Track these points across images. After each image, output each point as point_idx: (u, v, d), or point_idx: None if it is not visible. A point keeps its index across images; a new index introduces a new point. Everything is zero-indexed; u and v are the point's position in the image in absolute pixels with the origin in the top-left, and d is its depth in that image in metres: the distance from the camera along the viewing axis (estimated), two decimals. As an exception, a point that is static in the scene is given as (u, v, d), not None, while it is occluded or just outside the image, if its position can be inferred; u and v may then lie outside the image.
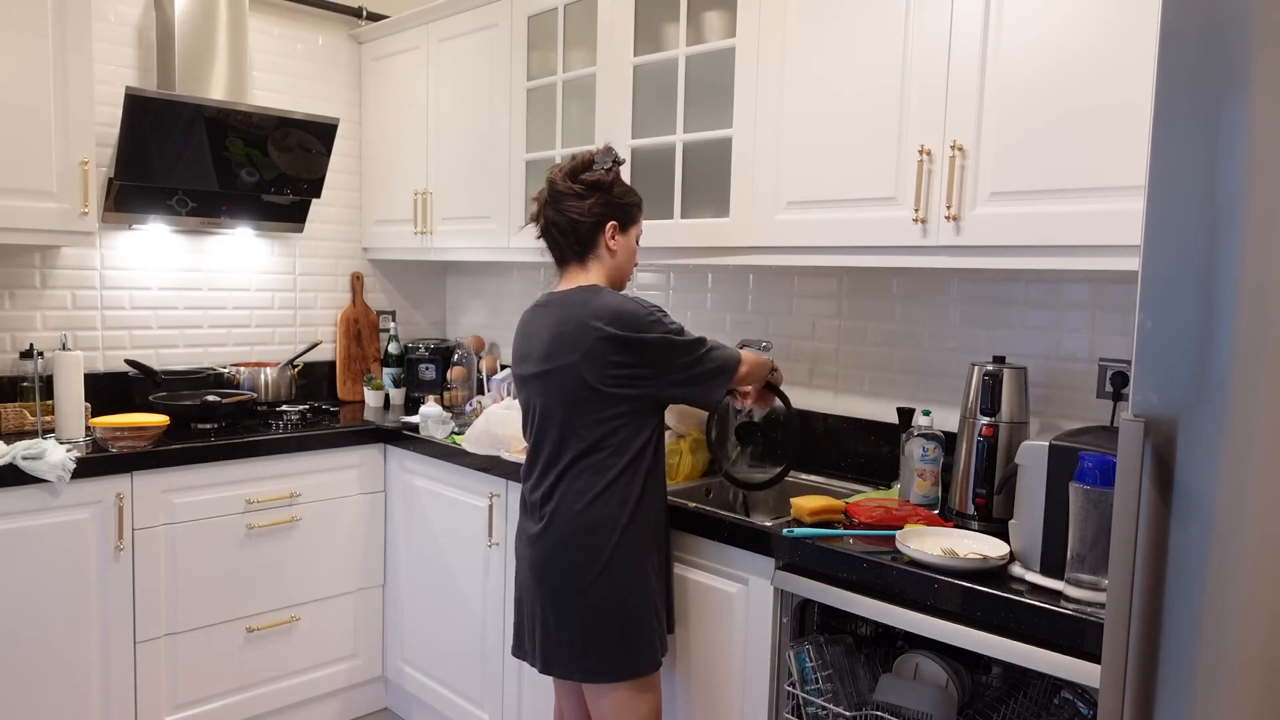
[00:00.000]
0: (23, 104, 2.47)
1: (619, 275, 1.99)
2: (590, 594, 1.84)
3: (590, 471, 1.85)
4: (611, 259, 1.96)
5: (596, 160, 1.95)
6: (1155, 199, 1.18)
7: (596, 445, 1.85)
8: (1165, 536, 1.18)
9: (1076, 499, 1.49)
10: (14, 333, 2.83)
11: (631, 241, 1.99)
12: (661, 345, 1.83)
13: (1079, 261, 1.72)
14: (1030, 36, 1.75)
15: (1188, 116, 1.15)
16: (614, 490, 1.85)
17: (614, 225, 1.94)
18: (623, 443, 1.86)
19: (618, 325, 1.81)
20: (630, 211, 1.98)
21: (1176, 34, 1.15)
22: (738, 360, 1.94)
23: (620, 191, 1.96)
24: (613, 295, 1.87)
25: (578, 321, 1.83)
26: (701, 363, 1.88)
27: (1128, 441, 1.17)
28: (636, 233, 2.01)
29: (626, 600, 1.85)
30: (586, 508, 1.85)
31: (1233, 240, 1.11)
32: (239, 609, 2.72)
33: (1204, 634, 1.15)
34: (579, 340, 1.82)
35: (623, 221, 1.96)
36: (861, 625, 2.00)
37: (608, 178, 1.94)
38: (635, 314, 1.83)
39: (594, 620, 1.84)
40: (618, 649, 1.85)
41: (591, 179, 1.94)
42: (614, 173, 1.95)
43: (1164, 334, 1.17)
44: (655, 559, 1.91)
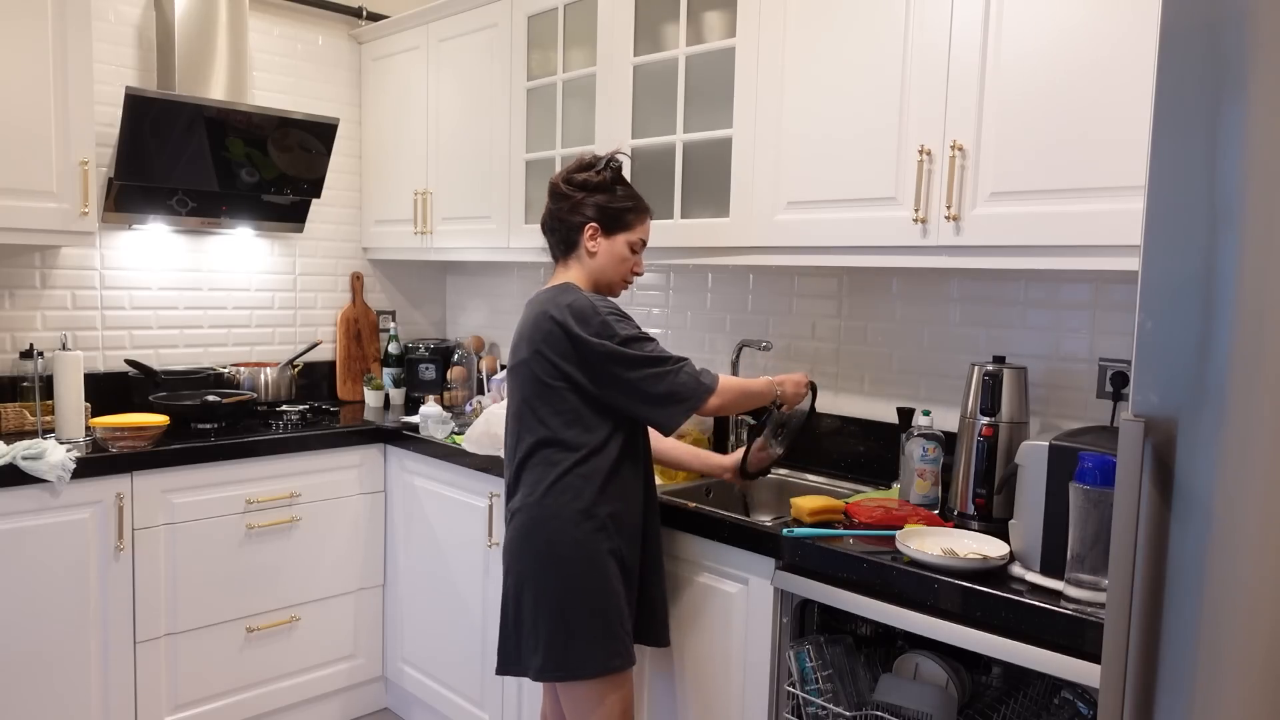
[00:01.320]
0: (23, 104, 2.47)
1: (600, 278, 1.97)
2: (540, 588, 1.85)
3: (543, 465, 1.87)
4: (591, 261, 1.95)
5: (596, 162, 1.96)
6: (1155, 199, 1.18)
7: (547, 440, 1.86)
8: (1165, 536, 1.18)
9: (1076, 499, 1.49)
10: (14, 333, 2.83)
11: (618, 247, 1.96)
12: (600, 351, 1.80)
13: (1079, 261, 1.72)
14: (1030, 36, 1.75)
15: (1188, 116, 1.15)
16: (564, 485, 1.84)
17: (594, 228, 1.93)
18: (573, 439, 1.85)
19: (563, 322, 1.82)
20: (618, 216, 1.95)
21: (1176, 34, 1.15)
22: (707, 390, 1.85)
23: (613, 196, 1.95)
24: (577, 294, 1.86)
25: (536, 316, 1.86)
26: (651, 382, 1.81)
27: (1128, 441, 1.17)
28: (627, 239, 1.96)
29: (578, 599, 1.83)
30: (539, 501, 1.86)
31: (1232, 240, 1.11)
32: (239, 609, 2.72)
33: (1204, 634, 1.15)
34: (534, 335, 1.85)
35: (605, 225, 1.94)
36: (861, 625, 2.00)
37: (596, 179, 1.94)
38: (583, 312, 1.82)
39: (545, 616, 1.84)
40: (566, 648, 1.83)
41: (580, 179, 1.95)
42: (605, 175, 1.95)
43: (1164, 334, 1.17)
44: (621, 563, 1.88)
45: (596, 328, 1.81)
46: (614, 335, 1.81)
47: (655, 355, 1.82)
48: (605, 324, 1.81)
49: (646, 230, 2.01)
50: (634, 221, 1.97)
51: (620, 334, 1.81)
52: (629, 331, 1.83)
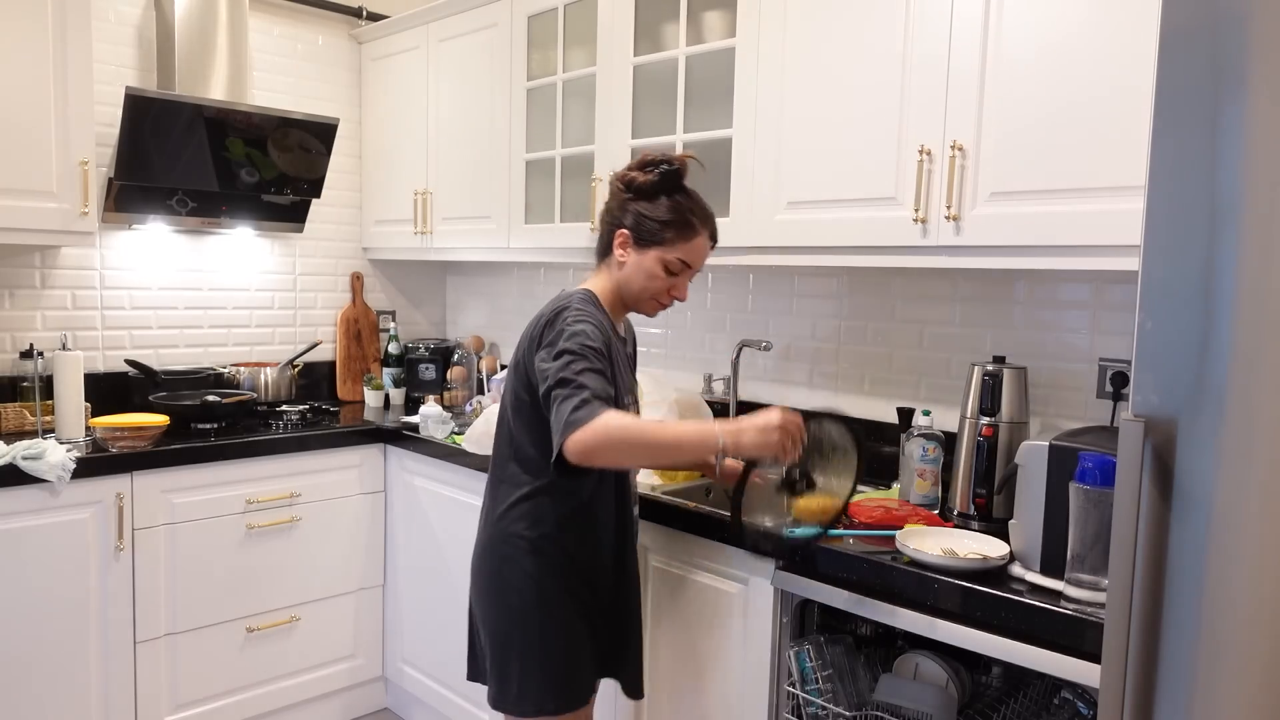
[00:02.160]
0: (23, 104, 2.47)
1: (624, 292, 1.79)
2: (486, 616, 1.77)
3: (507, 483, 1.77)
4: (619, 272, 1.77)
5: (656, 162, 1.75)
6: (1155, 199, 1.18)
7: (515, 457, 1.75)
8: (1165, 536, 1.18)
9: (1076, 499, 1.49)
10: (14, 333, 2.82)
11: (647, 262, 1.73)
12: (539, 356, 1.64)
13: (1079, 261, 1.72)
14: (1030, 36, 1.75)
15: (1188, 116, 1.15)
16: (522, 511, 1.73)
17: (625, 235, 1.75)
18: (532, 461, 1.72)
19: (538, 330, 1.68)
20: (655, 230, 1.72)
21: (1176, 34, 1.15)
22: (569, 426, 1.50)
23: (655, 204, 1.73)
24: (574, 302, 1.69)
25: (533, 321, 1.74)
26: (554, 403, 1.56)
27: (1128, 441, 1.17)
28: (661, 256, 1.73)
29: (522, 634, 1.73)
30: (495, 523, 1.77)
31: (1232, 240, 1.11)
32: (239, 609, 2.72)
33: (1204, 634, 1.15)
34: (523, 342, 1.74)
35: (639, 236, 1.73)
36: (861, 625, 2.00)
37: (642, 180, 1.73)
38: (556, 319, 1.65)
39: (491, 644, 1.77)
40: (506, 680, 1.75)
41: (629, 177, 1.76)
42: (651, 178, 1.72)
43: (1164, 334, 1.17)
44: (580, 603, 1.76)
45: (553, 336, 1.63)
46: (554, 344, 1.61)
47: (569, 372, 1.56)
48: (561, 332, 1.62)
49: (694, 253, 1.75)
50: (672, 238, 1.73)
51: (560, 345, 1.59)
52: (572, 345, 1.59)
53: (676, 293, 1.78)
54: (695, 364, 2.90)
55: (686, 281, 1.79)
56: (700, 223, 1.75)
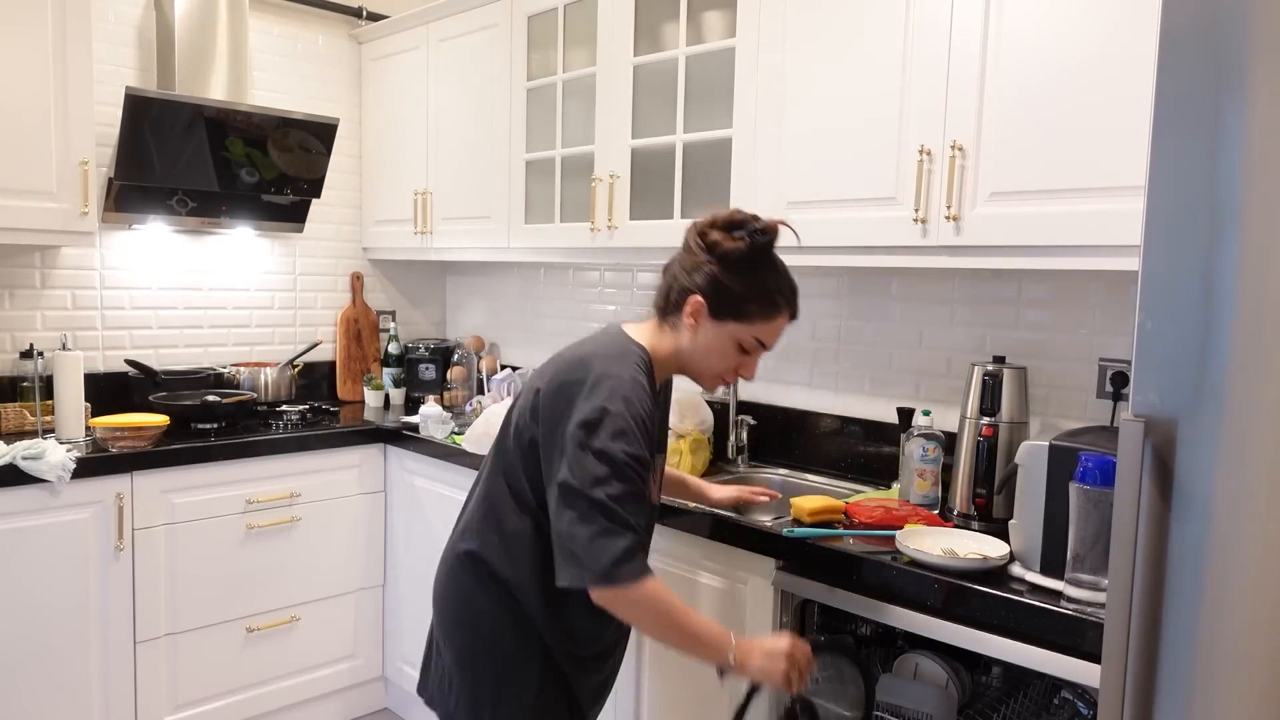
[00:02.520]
0: (23, 104, 2.47)
1: (687, 362, 1.59)
2: (451, 630, 1.62)
3: (492, 517, 1.59)
4: (686, 338, 1.56)
5: (745, 226, 1.54)
6: (1155, 199, 1.18)
7: (503, 491, 1.58)
8: (1165, 536, 1.18)
9: (1076, 499, 1.49)
10: (14, 333, 2.82)
11: (723, 337, 1.54)
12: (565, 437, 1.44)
13: (1079, 261, 1.72)
14: (1030, 36, 1.75)
15: (1188, 116, 1.15)
16: (508, 546, 1.56)
17: (699, 303, 1.53)
18: (509, 516, 1.56)
19: (574, 376, 1.49)
20: (735, 305, 1.52)
21: (1176, 34, 1.15)
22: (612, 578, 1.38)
23: (741, 275, 1.52)
24: (624, 367, 1.48)
25: (570, 364, 1.51)
26: (575, 518, 1.40)
27: (1128, 441, 1.17)
28: (739, 333, 1.54)
29: (500, 684, 1.57)
30: (476, 556, 1.59)
31: (1233, 240, 1.11)
32: (239, 609, 2.72)
33: (1204, 634, 1.15)
34: (552, 382, 1.52)
35: (716, 305, 1.52)
36: (861, 625, 2.00)
37: (729, 245, 1.52)
38: (595, 377, 1.46)
39: (460, 664, 1.61)
40: (479, 704, 1.58)
41: (714, 238, 1.53)
42: (742, 244, 1.52)
43: (1164, 334, 1.17)
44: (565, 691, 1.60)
45: (591, 414, 1.43)
46: (592, 430, 1.42)
47: (609, 496, 1.39)
48: (603, 419, 1.42)
49: (772, 332, 1.56)
50: (756, 315, 1.53)
51: (600, 444, 1.40)
52: (615, 451, 1.40)
53: (744, 371, 1.60)
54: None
55: (757, 360, 1.60)
56: (785, 301, 1.55)
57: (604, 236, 2.62)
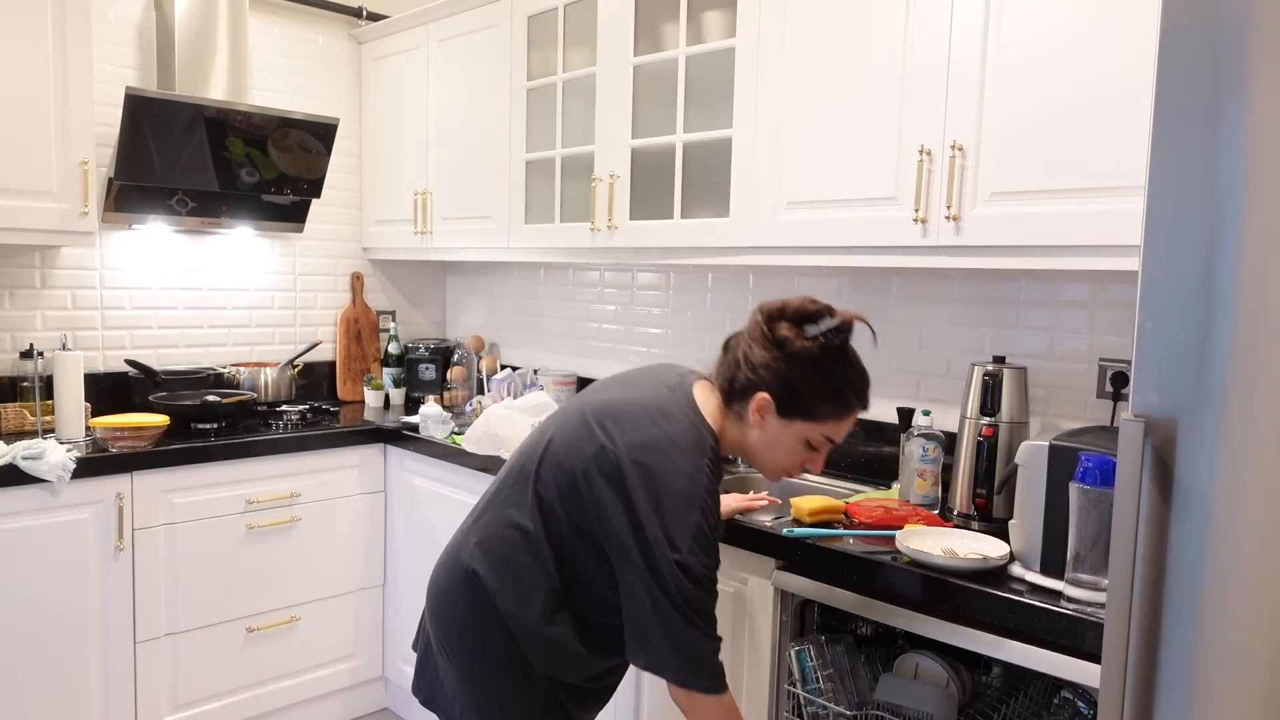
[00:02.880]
0: (23, 104, 2.47)
1: (751, 454, 1.53)
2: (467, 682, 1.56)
3: (504, 544, 1.53)
4: (749, 432, 1.50)
5: (818, 321, 1.46)
6: (1155, 199, 1.18)
7: (524, 522, 1.52)
8: (1165, 536, 1.18)
9: (1076, 499, 1.49)
10: (14, 333, 2.82)
11: (789, 436, 1.48)
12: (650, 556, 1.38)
13: (1079, 261, 1.72)
14: (1030, 36, 1.75)
15: (1188, 116, 1.15)
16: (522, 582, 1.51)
17: (766, 401, 1.46)
18: (521, 550, 1.51)
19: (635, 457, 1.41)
20: (807, 404, 1.45)
21: (1176, 34, 1.15)
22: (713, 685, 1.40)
23: (813, 376, 1.44)
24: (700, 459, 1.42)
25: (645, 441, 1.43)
26: (669, 624, 1.38)
27: (1128, 441, 1.17)
28: (807, 431, 1.47)
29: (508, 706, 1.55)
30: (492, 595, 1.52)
31: (1233, 240, 1.11)
32: (239, 609, 2.72)
33: (1204, 634, 1.15)
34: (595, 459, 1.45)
35: (785, 407, 1.46)
36: (861, 625, 2.00)
37: (800, 344, 1.44)
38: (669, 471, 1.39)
39: (467, 695, 1.57)
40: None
41: (783, 334, 1.45)
42: (813, 345, 1.44)
43: (1164, 334, 1.17)
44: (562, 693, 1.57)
45: (672, 523, 1.38)
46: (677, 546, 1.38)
47: (694, 606, 1.39)
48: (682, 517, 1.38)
49: (844, 428, 1.50)
50: (826, 415, 1.47)
51: (683, 556, 1.37)
52: (695, 565, 1.38)
53: (811, 466, 1.53)
54: (695, 364, 2.89)
55: (824, 454, 1.53)
56: (857, 398, 1.48)
57: (604, 236, 2.62)
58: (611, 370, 3.15)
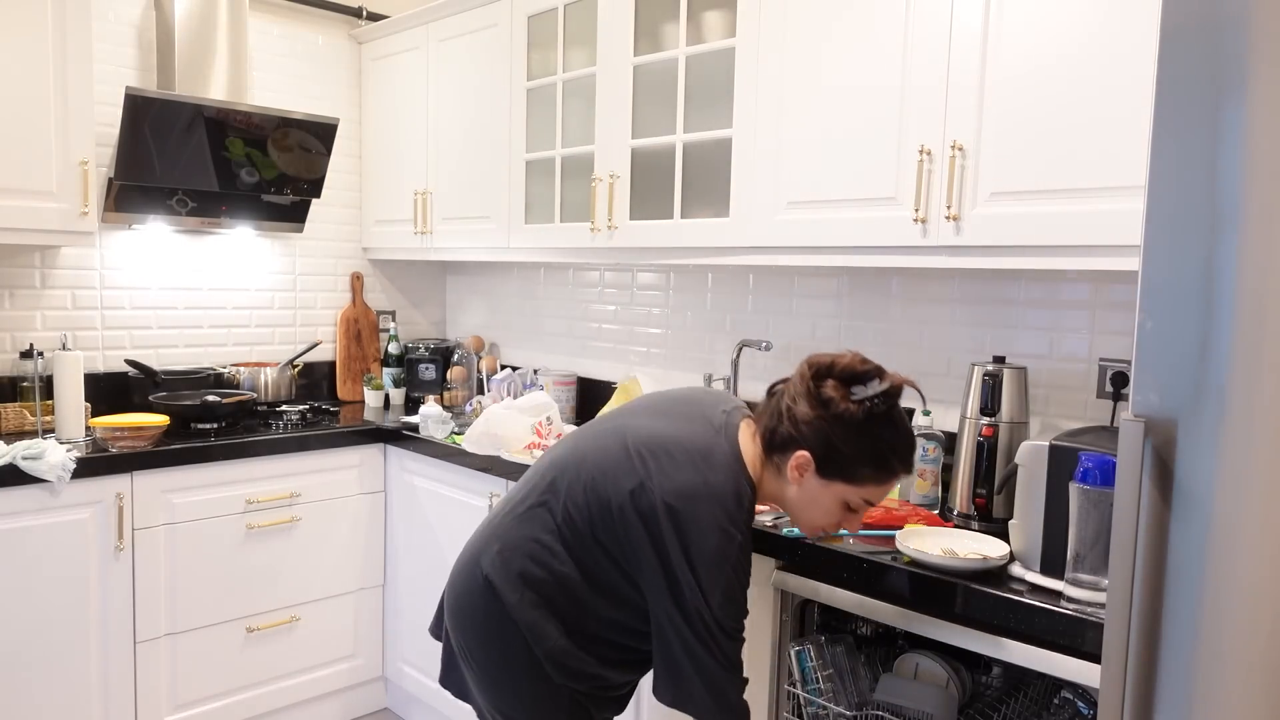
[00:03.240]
0: (23, 104, 2.47)
1: (788, 509, 1.53)
2: (483, 680, 1.59)
3: (525, 554, 1.54)
4: (788, 489, 1.50)
5: (866, 383, 1.44)
6: (1155, 199, 1.18)
7: (548, 536, 1.53)
8: (1165, 536, 1.18)
9: (1076, 499, 1.49)
10: (14, 333, 2.82)
11: (827, 496, 1.47)
12: (685, 598, 1.39)
13: (1079, 261, 1.72)
14: (1030, 36, 1.75)
15: (1188, 116, 1.15)
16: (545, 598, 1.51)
17: (806, 459, 1.45)
18: (539, 564, 1.52)
19: (673, 501, 1.41)
20: (848, 465, 1.43)
21: (1176, 34, 1.15)
22: (739, 711, 1.43)
23: (856, 437, 1.42)
24: (739, 512, 1.42)
25: (684, 487, 1.42)
26: (704, 659, 1.39)
27: (1128, 441, 1.17)
28: (845, 493, 1.46)
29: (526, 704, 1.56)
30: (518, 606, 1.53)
31: (1233, 240, 1.11)
32: (239, 609, 2.72)
33: (1204, 634, 1.15)
34: (646, 477, 1.43)
35: (825, 467, 1.44)
36: (861, 625, 2.00)
37: (844, 407, 1.42)
38: (704, 519, 1.39)
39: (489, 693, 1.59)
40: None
41: (828, 394, 1.43)
42: (858, 410, 1.41)
43: (1164, 334, 1.17)
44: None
45: (704, 552, 1.39)
46: (711, 599, 1.39)
47: (733, 653, 1.42)
48: (713, 564, 1.39)
49: (884, 492, 1.49)
50: (867, 479, 1.45)
51: (713, 604, 1.39)
52: (726, 617, 1.40)
53: (848, 525, 1.52)
54: (695, 364, 2.90)
55: (862, 515, 1.52)
56: (900, 464, 1.46)
57: (604, 236, 2.62)
58: (611, 371, 3.15)
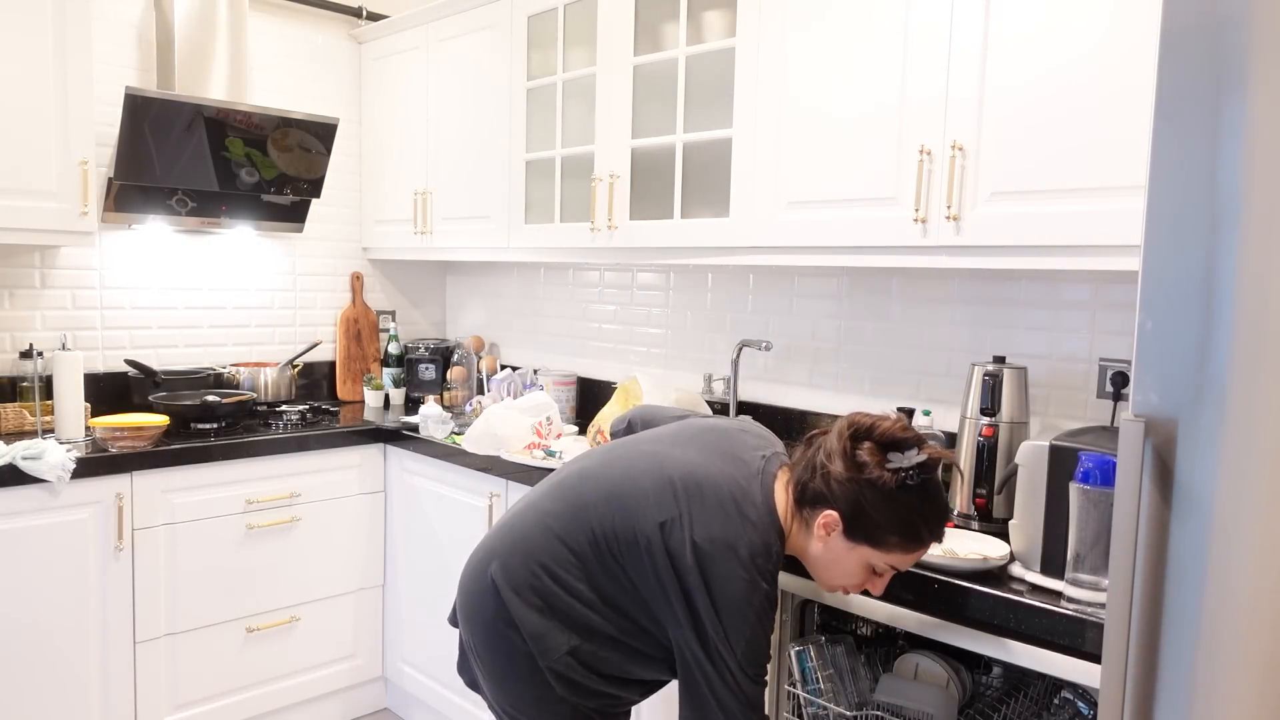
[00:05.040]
0: (23, 104, 2.47)
1: (811, 565, 1.51)
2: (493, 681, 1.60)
3: (535, 562, 1.54)
4: (813, 546, 1.48)
5: (904, 451, 1.42)
6: (1155, 199, 1.18)
7: (559, 547, 1.53)
8: (1165, 536, 1.18)
9: (1076, 499, 1.49)
10: (14, 333, 2.82)
11: (853, 560, 1.45)
12: (710, 643, 1.40)
13: (1079, 261, 1.72)
14: (1030, 36, 1.75)
15: (1188, 116, 1.15)
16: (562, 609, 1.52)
17: (835, 519, 1.43)
18: (548, 573, 1.52)
19: (704, 544, 1.42)
20: (874, 532, 1.41)
21: (1176, 34, 1.15)
22: None
23: (888, 506, 1.40)
24: (767, 564, 1.42)
25: (718, 534, 1.42)
26: (713, 690, 1.41)
27: (1128, 441, 1.17)
28: (870, 558, 1.44)
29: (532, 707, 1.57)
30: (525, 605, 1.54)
31: (1233, 240, 1.11)
32: (239, 609, 2.72)
33: (1204, 634, 1.15)
34: (679, 515, 1.44)
35: (853, 529, 1.43)
36: (861, 625, 2.00)
37: (878, 475, 1.40)
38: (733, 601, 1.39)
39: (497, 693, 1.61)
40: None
41: (864, 458, 1.41)
42: (894, 480, 1.39)
43: (1164, 334, 1.17)
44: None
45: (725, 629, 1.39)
46: (734, 651, 1.40)
47: (755, 697, 1.42)
48: (739, 616, 1.40)
49: (910, 560, 1.46)
50: (894, 546, 1.42)
51: (738, 652, 1.40)
52: (750, 669, 1.41)
53: (872, 589, 1.50)
54: (695, 364, 2.90)
55: (887, 580, 1.50)
56: (930, 534, 1.43)
57: (604, 236, 2.62)
58: (611, 371, 3.15)
